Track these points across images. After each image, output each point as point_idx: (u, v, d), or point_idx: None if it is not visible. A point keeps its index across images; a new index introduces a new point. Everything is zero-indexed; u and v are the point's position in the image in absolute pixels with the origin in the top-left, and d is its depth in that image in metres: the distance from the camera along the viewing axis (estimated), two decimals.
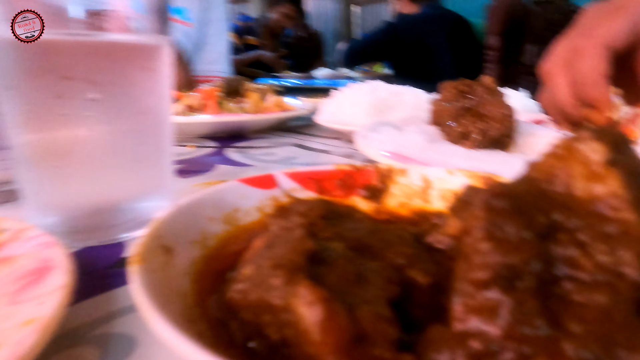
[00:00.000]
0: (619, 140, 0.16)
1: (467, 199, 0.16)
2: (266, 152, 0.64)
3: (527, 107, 0.73)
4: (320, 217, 0.25)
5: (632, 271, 0.13)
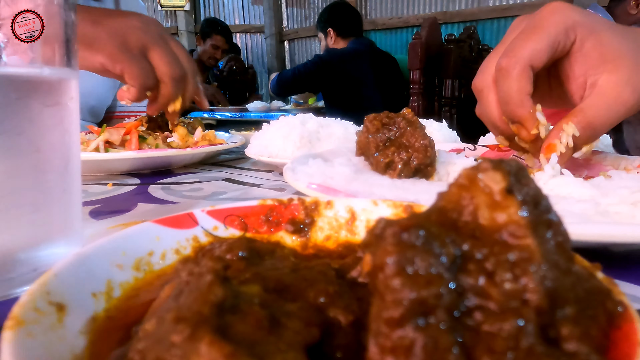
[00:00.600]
0: (516, 170, 0.17)
1: (379, 232, 0.15)
2: (193, 187, 0.62)
3: (447, 137, 0.77)
4: (239, 258, 0.23)
5: (535, 297, 0.14)
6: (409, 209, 0.30)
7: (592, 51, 0.39)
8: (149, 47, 0.69)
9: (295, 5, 4.40)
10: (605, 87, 0.39)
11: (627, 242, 0.28)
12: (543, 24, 0.40)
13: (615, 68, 0.38)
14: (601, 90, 0.39)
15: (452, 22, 3.53)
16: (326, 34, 2.54)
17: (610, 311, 0.16)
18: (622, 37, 0.39)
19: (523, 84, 0.40)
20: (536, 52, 0.39)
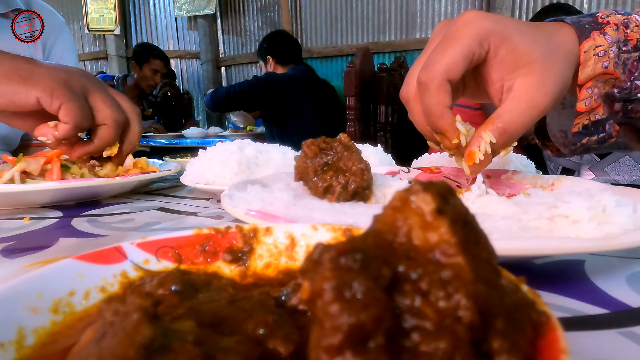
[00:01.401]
0: (445, 191, 0.17)
1: (316, 258, 0.15)
2: (123, 218, 0.58)
3: (382, 161, 0.80)
4: (172, 292, 0.22)
5: (467, 313, 0.14)
6: (348, 233, 0.31)
7: (505, 58, 0.41)
8: (90, 89, 0.67)
9: (232, 33, 4.42)
10: (518, 92, 0.41)
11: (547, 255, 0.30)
12: (457, 36, 0.41)
13: (527, 72, 0.41)
14: (515, 95, 0.41)
15: (384, 52, 3.73)
16: (266, 61, 2.58)
17: (535, 321, 0.17)
18: (533, 40, 0.42)
19: (441, 97, 0.42)
20: (452, 65, 0.41)
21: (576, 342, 0.24)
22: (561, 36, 0.44)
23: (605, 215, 0.35)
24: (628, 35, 0.44)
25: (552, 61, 0.42)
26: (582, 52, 0.43)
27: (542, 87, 0.41)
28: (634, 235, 0.31)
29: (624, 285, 0.32)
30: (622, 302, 0.30)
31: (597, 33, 0.44)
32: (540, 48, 0.41)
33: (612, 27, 0.44)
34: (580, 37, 0.44)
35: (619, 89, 0.45)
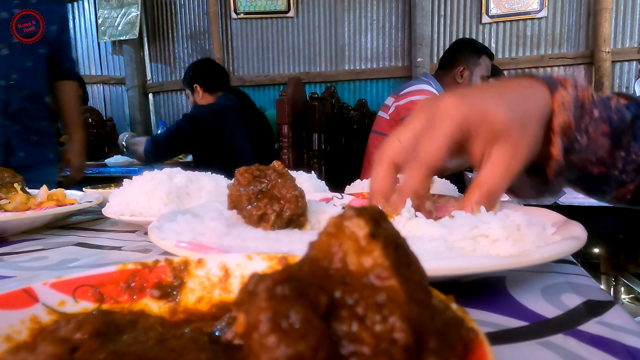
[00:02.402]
0: (377, 216, 0.18)
1: (252, 289, 0.15)
2: (35, 257, 0.52)
3: (316, 187, 0.81)
4: (91, 336, 0.20)
5: (402, 335, 0.14)
6: (284, 261, 0.30)
7: (485, 135, 0.46)
8: None
9: (160, 59, 4.30)
10: (496, 161, 0.46)
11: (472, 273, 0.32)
12: (439, 126, 0.46)
13: (503, 143, 0.45)
14: (494, 163, 0.46)
15: (315, 81, 3.84)
16: (193, 90, 2.51)
17: (465, 338, 0.18)
18: (509, 110, 0.46)
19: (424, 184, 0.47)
20: (435, 155, 0.45)
21: (502, 355, 0.26)
22: (534, 94, 0.49)
23: (520, 233, 0.38)
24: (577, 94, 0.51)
25: (526, 130, 0.46)
26: (555, 103, 0.49)
27: (516, 156, 0.46)
28: (545, 251, 0.34)
29: (540, 297, 0.35)
30: (538, 313, 0.32)
31: (561, 88, 0.50)
32: (515, 118, 0.46)
33: (570, 86, 0.51)
34: (552, 89, 0.50)
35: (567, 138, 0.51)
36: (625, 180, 0.58)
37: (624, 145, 0.56)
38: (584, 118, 0.52)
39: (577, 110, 0.51)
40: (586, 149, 0.53)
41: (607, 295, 0.35)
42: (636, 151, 0.56)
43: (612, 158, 0.56)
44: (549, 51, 3.47)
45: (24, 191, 0.76)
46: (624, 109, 0.56)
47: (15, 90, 1.46)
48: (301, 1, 3.83)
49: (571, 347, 0.27)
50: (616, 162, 0.56)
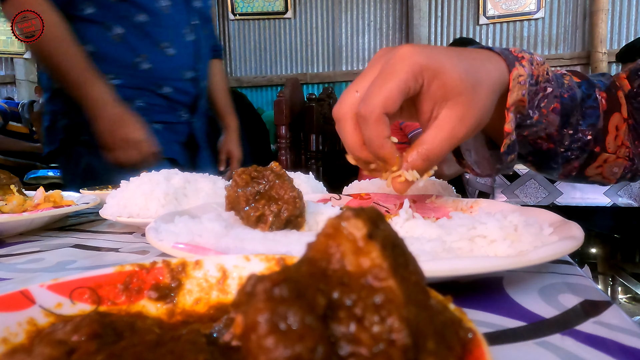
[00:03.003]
0: (375, 216, 0.18)
1: (250, 290, 0.15)
2: (32, 258, 0.52)
3: (314, 188, 0.81)
4: (89, 338, 0.20)
5: (400, 336, 0.14)
6: (282, 262, 0.30)
7: (436, 91, 0.45)
8: None
9: None
10: (441, 122, 0.45)
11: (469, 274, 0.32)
12: (394, 71, 0.44)
13: (453, 104, 0.44)
14: (438, 124, 0.45)
15: (312, 82, 3.85)
16: None
17: (462, 338, 0.18)
18: (465, 72, 0.45)
19: (381, 129, 0.45)
20: (389, 100, 0.44)
21: (500, 355, 0.26)
22: (491, 64, 0.49)
23: (517, 234, 0.38)
24: (533, 70, 0.51)
25: (478, 95, 0.45)
26: (511, 79, 0.49)
27: (463, 119, 0.45)
28: (542, 251, 0.34)
29: (537, 297, 0.35)
30: (536, 314, 0.32)
31: (518, 64, 0.50)
32: (469, 80, 0.45)
33: (526, 61, 0.51)
34: (509, 66, 0.49)
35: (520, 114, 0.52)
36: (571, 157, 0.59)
37: (572, 123, 0.57)
38: (538, 94, 0.52)
39: (531, 87, 0.51)
40: (537, 125, 0.53)
41: (604, 295, 0.35)
42: (583, 130, 0.57)
43: (560, 135, 0.57)
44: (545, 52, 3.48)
45: (21, 193, 0.76)
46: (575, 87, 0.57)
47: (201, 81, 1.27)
48: (299, 2, 3.83)
49: (569, 347, 0.27)
50: (564, 139, 0.57)
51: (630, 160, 0.61)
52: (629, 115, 0.60)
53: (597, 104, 0.59)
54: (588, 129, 0.58)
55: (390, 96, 0.44)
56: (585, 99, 0.58)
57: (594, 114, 0.58)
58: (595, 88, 0.60)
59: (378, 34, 3.72)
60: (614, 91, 0.61)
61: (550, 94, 0.53)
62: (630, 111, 0.60)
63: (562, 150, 0.58)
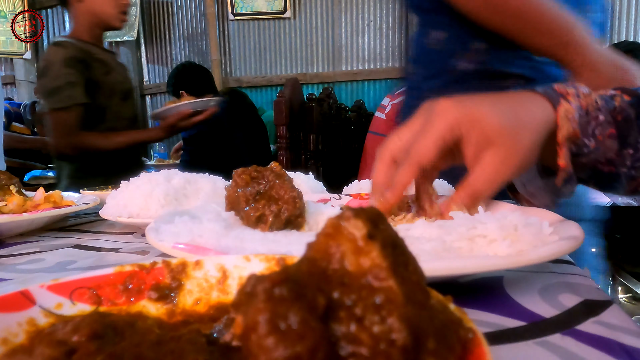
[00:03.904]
0: (375, 216, 0.18)
1: (250, 290, 0.15)
2: (32, 259, 0.52)
3: (314, 188, 0.81)
4: (89, 338, 0.20)
5: (400, 336, 0.14)
6: (282, 262, 0.30)
7: (477, 140, 0.48)
8: None
9: (157, 61, 4.29)
10: (485, 164, 0.47)
11: (469, 273, 0.32)
12: (432, 127, 0.48)
13: (496, 148, 0.47)
14: (482, 167, 0.48)
15: (312, 82, 3.84)
16: (179, 97, 2.47)
17: (463, 338, 0.18)
18: (502, 116, 0.48)
19: (408, 178, 0.49)
20: (425, 155, 0.48)
21: (500, 355, 0.26)
22: (534, 106, 0.51)
23: (517, 233, 0.38)
24: (580, 103, 0.53)
25: (520, 138, 0.48)
26: (559, 117, 0.51)
27: (506, 161, 0.47)
28: (542, 251, 0.34)
29: (537, 297, 0.35)
30: (536, 313, 0.32)
31: (564, 100, 0.52)
32: (509, 124, 0.48)
33: (572, 96, 0.53)
34: (554, 104, 0.51)
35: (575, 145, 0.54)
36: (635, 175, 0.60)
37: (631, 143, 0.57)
38: (590, 124, 0.53)
39: (582, 118, 0.52)
40: (595, 152, 0.55)
41: (604, 294, 0.35)
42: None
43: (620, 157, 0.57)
44: None
45: (21, 193, 0.76)
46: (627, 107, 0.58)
47: None
48: (298, 2, 3.83)
49: (569, 347, 0.27)
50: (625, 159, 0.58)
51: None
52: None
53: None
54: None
55: (426, 151, 0.48)
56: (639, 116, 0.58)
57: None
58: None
59: (378, 34, 3.72)
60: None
61: (604, 121, 0.54)
62: None
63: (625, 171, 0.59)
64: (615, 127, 0.55)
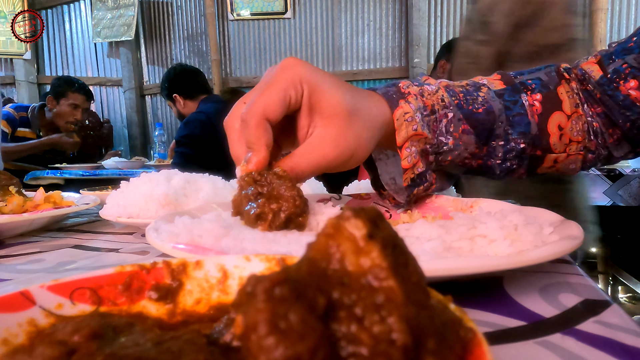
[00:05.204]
0: (375, 216, 0.18)
1: (250, 290, 0.15)
2: (32, 259, 0.52)
3: (314, 189, 0.81)
4: (89, 338, 0.20)
5: (400, 336, 0.14)
6: (282, 262, 0.30)
7: (314, 105, 0.46)
8: None
9: (157, 61, 4.29)
10: (313, 140, 0.46)
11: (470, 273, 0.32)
12: (275, 81, 0.45)
13: (327, 124, 0.45)
14: (310, 142, 0.46)
15: None
16: (174, 100, 2.45)
17: (463, 338, 0.18)
18: (342, 96, 0.46)
19: (259, 133, 0.45)
20: (269, 105, 0.45)
21: (500, 355, 0.26)
22: (372, 102, 0.50)
23: (517, 233, 0.38)
24: (425, 101, 0.53)
25: (353, 123, 0.46)
26: (395, 120, 0.51)
27: (334, 143, 0.45)
28: (543, 250, 0.34)
29: (538, 297, 0.35)
30: (537, 313, 0.32)
31: (403, 101, 0.51)
32: (346, 105, 0.46)
33: (412, 96, 0.53)
34: (391, 106, 0.51)
35: (429, 145, 0.53)
36: (512, 168, 0.59)
37: (500, 134, 0.57)
38: (441, 121, 0.54)
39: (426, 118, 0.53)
40: (456, 148, 0.55)
41: (604, 294, 0.35)
42: (515, 138, 0.57)
43: (486, 149, 0.57)
44: None
45: (20, 194, 0.76)
46: (493, 98, 0.57)
47: None
48: (298, 2, 3.83)
49: (569, 347, 0.27)
50: (495, 151, 0.58)
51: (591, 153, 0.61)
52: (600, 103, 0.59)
53: (524, 110, 0.57)
54: (519, 137, 0.57)
55: (270, 102, 0.45)
56: (511, 106, 0.57)
57: (522, 121, 0.57)
58: (523, 93, 0.59)
59: (377, 34, 3.72)
60: (553, 88, 0.59)
61: (454, 118, 0.54)
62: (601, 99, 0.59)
63: (499, 162, 0.58)
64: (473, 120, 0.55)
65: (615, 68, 0.57)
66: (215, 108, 2.28)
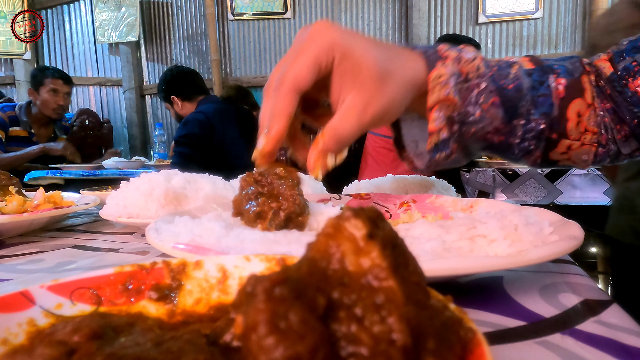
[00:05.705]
0: (375, 216, 0.18)
1: (250, 290, 0.15)
2: (32, 259, 0.52)
3: (314, 189, 0.81)
4: (89, 338, 0.20)
5: (400, 336, 0.14)
6: (282, 262, 0.30)
7: (346, 70, 0.45)
8: None
9: (157, 61, 4.29)
10: (348, 106, 0.45)
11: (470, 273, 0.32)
12: (306, 47, 0.45)
13: (360, 89, 0.44)
14: (345, 110, 0.45)
15: None
16: (171, 102, 2.44)
17: (463, 338, 0.18)
18: (376, 60, 0.45)
19: (285, 103, 0.45)
20: (300, 76, 0.44)
21: (500, 355, 0.26)
22: (407, 61, 0.49)
23: (517, 233, 0.38)
24: (461, 68, 0.52)
25: (387, 85, 0.45)
26: (430, 81, 0.49)
27: (368, 107, 0.45)
28: (542, 250, 0.34)
29: (538, 297, 0.35)
30: (537, 313, 0.32)
31: (440, 63, 0.50)
32: (380, 67, 0.45)
33: (450, 60, 0.51)
34: (429, 67, 0.50)
35: (457, 112, 0.52)
36: (529, 148, 0.58)
37: (522, 113, 0.56)
38: (472, 90, 0.52)
39: (460, 85, 0.51)
40: (481, 121, 0.54)
41: (604, 294, 0.35)
42: (536, 119, 0.57)
43: (509, 127, 0.56)
44: (545, 51, 3.48)
45: (20, 194, 0.76)
46: (523, 76, 0.56)
47: None
48: (298, 2, 3.83)
49: (569, 347, 0.27)
50: (515, 130, 0.57)
51: (602, 147, 0.61)
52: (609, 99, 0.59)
53: (549, 91, 0.57)
54: (541, 118, 0.57)
55: (300, 72, 0.44)
56: (537, 86, 0.57)
57: (546, 102, 0.57)
58: (551, 75, 0.58)
59: (377, 34, 3.72)
60: (578, 76, 0.59)
61: (486, 89, 0.53)
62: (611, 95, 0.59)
63: (518, 142, 0.58)
64: (502, 95, 0.54)
65: (625, 65, 0.58)
66: (213, 108, 2.28)
